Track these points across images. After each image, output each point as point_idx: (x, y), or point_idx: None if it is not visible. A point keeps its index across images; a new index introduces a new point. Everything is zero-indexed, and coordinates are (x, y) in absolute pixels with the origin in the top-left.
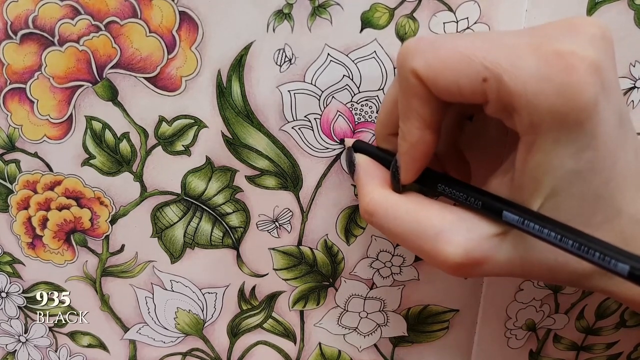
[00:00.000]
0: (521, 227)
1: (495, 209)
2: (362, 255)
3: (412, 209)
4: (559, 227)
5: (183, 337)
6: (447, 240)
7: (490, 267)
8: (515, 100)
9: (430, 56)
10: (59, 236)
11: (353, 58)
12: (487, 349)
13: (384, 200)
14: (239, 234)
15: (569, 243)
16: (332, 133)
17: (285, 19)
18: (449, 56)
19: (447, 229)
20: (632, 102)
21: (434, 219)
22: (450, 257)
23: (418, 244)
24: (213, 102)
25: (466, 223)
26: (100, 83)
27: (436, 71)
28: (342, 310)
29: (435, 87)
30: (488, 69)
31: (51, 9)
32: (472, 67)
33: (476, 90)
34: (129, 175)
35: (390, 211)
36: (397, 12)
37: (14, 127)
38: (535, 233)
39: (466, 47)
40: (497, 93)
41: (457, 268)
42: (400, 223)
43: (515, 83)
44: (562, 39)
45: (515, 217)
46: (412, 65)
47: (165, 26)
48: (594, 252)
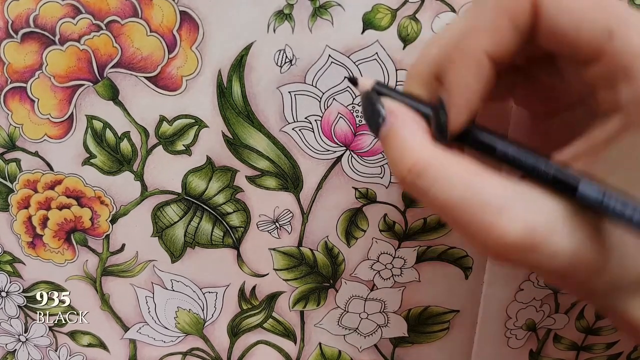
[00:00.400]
0: (600, 202)
1: (568, 185)
2: (362, 257)
3: (470, 174)
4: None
5: (183, 336)
6: (511, 215)
7: (547, 256)
8: (635, 65)
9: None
10: (60, 235)
11: (354, 59)
12: (487, 349)
13: (437, 160)
14: (240, 234)
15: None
16: (333, 135)
17: (285, 20)
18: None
19: (512, 203)
20: None
21: (497, 189)
22: (512, 235)
23: (473, 215)
24: (214, 102)
25: (533, 197)
26: (101, 82)
27: (561, 4)
28: (342, 311)
29: (553, 20)
30: (619, 24)
31: (52, 8)
32: (603, 15)
33: (594, 43)
34: (129, 174)
35: (444, 173)
36: (399, 13)
37: (14, 126)
38: (616, 211)
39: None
40: (617, 52)
41: (513, 250)
42: (454, 189)
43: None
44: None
45: (593, 193)
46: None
47: (166, 26)
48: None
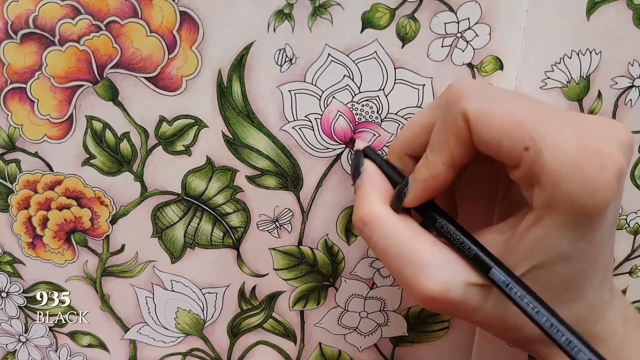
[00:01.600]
0: (503, 288)
1: (484, 264)
2: (362, 255)
3: (406, 233)
4: (538, 301)
5: (183, 337)
6: (431, 275)
7: (457, 310)
8: (545, 177)
9: (485, 107)
10: (59, 236)
11: (354, 58)
12: (487, 349)
13: (382, 216)
14: (239, 234)
15: (543, 319)
16: (332, 133)
17: (285, 19)
18: (502, 114)
19: (434, 265)
20: (630, 101)
21: (425, 251)
22: (428, 291)
23: (400, 267)
24: (213, 102)
25: (452, 265)
26: (100, 83)
27: (486, 123)
28: (342, 310)
29: (478, 136)
30: (533, 140)
31: (52, 8)
32: (519, 132)
33: (513, 154)
34: (129, 175)
35: (385, 228)
36: (398, 12)
37: (14, 126)
38: (515, 298)
39: (520, 112)
40: (531, 164)
41: (430, 302)
42: (390, 242)
43: (552, 162)
44: (601, 137)
45: (501, 278)
46: (466, 108)
47: (166, 26)
48: (562, 335)
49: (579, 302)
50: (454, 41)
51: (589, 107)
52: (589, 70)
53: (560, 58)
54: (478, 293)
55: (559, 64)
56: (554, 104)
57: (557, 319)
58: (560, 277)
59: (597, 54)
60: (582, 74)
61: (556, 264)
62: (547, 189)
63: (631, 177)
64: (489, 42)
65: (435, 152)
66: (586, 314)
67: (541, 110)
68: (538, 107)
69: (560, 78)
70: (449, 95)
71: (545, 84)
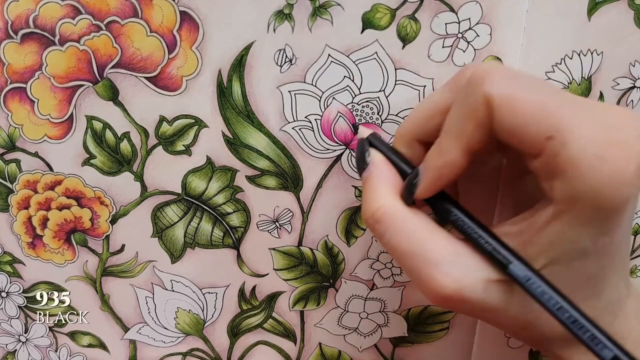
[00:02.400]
0: (523, 284)
1: (502, 258)
2: (362, 256)
3: (420, 229)
4: (560, 296)
5: (183, 337)
6: (446, 272)
7: (474, 309)
8: (569, 168)
9: (510, 91)
10: (59, 236)
11: (354, 59)
12: (487, 349)
13: (394, 211)
14: (240, 234)
15: (565, 315)
16: (332, 134)
17: (285, 19)
18: (527, 100)
19: (449, 262)
20: (632, 102)
21: (439, 247)
22: (444, 289)
23: (415, 265)
24: (214, 102)
25: (468, 261)
26: (100, 83)
27: (510, 109)
28: (342, 310)
29: (501, 122)
30: (559, 130)
31: (52, 8)
32: (545, 120)
33: (536, 143)
34: (129, 175)
35: (399, 224)
36: (398, 12)
37: (14, 126)
38: (536, 294)
39: (546, 101)
40: (555, 154)
41: (445, 300)
42: (404, 239)
43: (577, 153)
44: (625, 130)
45: (521, 274)
46: (489, 91)
47: (166, 26)
48: (586, 331)
49: (597, 299)
50: (455, 42)
51: None
52: (590, 71)
53: (561, 59)
54: (496, 290)
55: (559, 64)
56: None
57: (580, 314)
58: (579, 273)
59: (598, 55)
60: (583, 75)
61: (575, 259)
62: (571, 180)
63: None
64: (489, 42)
65: (451, 138)
66: (603, 311)
67: (566, 99)
68: (562, 95)
69: (562, 79)
70: (470, 77)
71: None
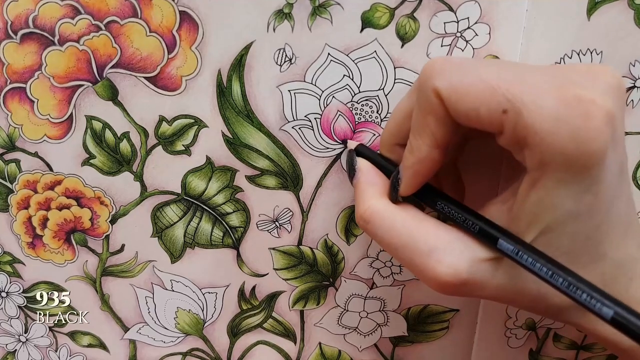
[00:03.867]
0: (514, 257)
1: (490, 236)
2: (362, 255)
3: (408, 223)
4: (551, 263)
5: (183, 337)
6: (439, 258)
7: (476, 290)
8: (530, 136)
9: (455, 79)
10: (59, 236)
11: (353, 58)
12: (487, 348)
13: (382, 210)
14: (239, 234)
15: (559, 280)
16: (332, 133)
17: (285, 19)
18: (473, 83)
19: (441, 248)
20: (632, 102)
21: (429, 236)
22: (440, 276)
23: (410, 257)
24: (213, 101)
25: (460, 244)
26: (100, 83)
27: (458, 95)
28: (342, 310)
29: (455, 110)
30: (509, 102)
31: (51, 8)
32: (494, 97)
33: (494, 120)
34: (129, 175)
35: (387, 221)
36: (397, 12)
37: (14, 126)
38: (527, 265)
39: (491, 78)
40: (513, 126)
41: (445, 286)
42: (394, 234)
43: (533, 120)
44: (583, 85)
45: (510, 247)
46: (436, 85)
47: (166, 26)
48: (582, 293)
49: (602, 261)
50: (454, 41)
51: None
52: None
53: (561, 58)
54: (492, 268)
55: (559, 64)
56: None
57: (574, 278)
58: (574, 238)
59: (598, 54)
60: None
61: (565, 223)
62: (535, 148)
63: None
64: (488, 41)
65: (417, 136)
66: (614, 274)
67: (515, 70)
68: (511, 68)
69: None
70: (420, 75)
71: None
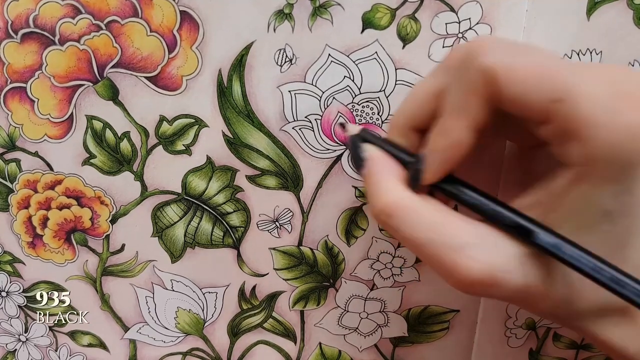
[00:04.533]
0: (555, 252)
1: (526, 230)
2: (362, 257)
3: (435, 216)
4: (592, 257)
5: (183, 336)
6: (472, 255)
7: (505, 290)
8: (583, 128)
9: (509, 60)
10: (60, 235)
11: (354, 59)
12: (487, 348)
13: (406, 202)
14: (240, 234)
15: (605, 275)
16: (332, 134)
17: (286, 19)
18: (529, 66)
19: (472, 243)
20: None
21: (459, 231)
22: (472, 273)
23: (437, 254)
24: (214, 101)
25: (492, 239)
26: (100, 82)
27: (511, 76)
28: (342, 310)
29: (504, 92)
30: (566, 91)
31: (52, 8)
32: (550, 84)
33: (542, 108)
34: (129, 174)
35: (412, 215)
36: (398, 12)
37: (14, 126)
38: (569, 259)
39: (548, 64)
40: (565, 116)
41: (474, 285)
42: (421, 229)
43: (589, 111)
44: (633, 83)
45: (550, 241)
46: (487, 62)
47: (166, 26)
48: (629, 287)
49: (623, 264)
50: (455, 41)
51: None
52: None
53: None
54: (525, 265)
55: None
56: None
57: (618, 272)
58: (605, 237)
59: (597, 54)
60: None
61: (601, 222)
62: (587, 141)
63: None
64: None
65: (455, 116)
66: None
67: (567, 63)
68: (562, 60)
69: None
70: (466, 52)
71: None
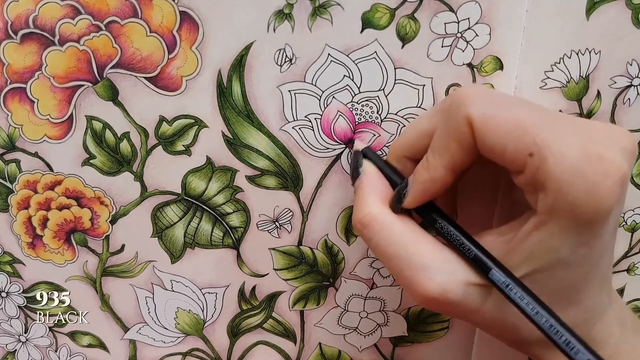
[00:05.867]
0: (503, 289)
1: (484, 265)
2: (362, 255)
3: (406, 235)
4: (537, 302)
5: (183, 337)
6: (430, 276)
7: (457, 310)
8: (549, 183)
9: (489, 112)
10: (59, 236)
11: (354, 58)
12: (487, 349)
13: (382, 217)
14: (239, 234)
15: (542, 320)
16: (332, 133)
17: (285, 19)
18: (507, 119)
19: (434, 267)
20: (629, 100)
21: (424, 252)
22: (428, 292)
23: (401, 268)
24: (213, 102)
25: (453, 265)
26: (100, 83)
27: (490, 128)
28: (342, 310)
29: (482, 142)
30: (537, 147)
31: (51, 8)
32: (524, 139)
33: (518, 160)
34: (129, 175)
35: (385, 230)
36: (397, 12)
37: (14, 126)
38: (514, 299)
39: (525, 118)
40: (536, 170)
41: (430, 302)
42: (390, 244)
43: (556, 168)
44: (605, 144)
45: (501, 279)
46: (469, 112)
47: (166, 26)
48: (562, 336)
49: (577, 306)
50: (454, 41)
51: (588, 107)
52: (588, 70)
53: (560, 58)
54: (477, 294)
55: (558, 64)
56: (553, 104)
57: (556, 320)
58: (560, 282)
59: (596, 54)
60: (581, 74)
61: (556, 268)
62: (551, 194)
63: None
64: (489, 42)
65: (437, 156)
66: (584, 318)
67: (545, 116)
68: (542, 113)
69: (560, 78)
70: (452, 99)
71: (545, 83)
